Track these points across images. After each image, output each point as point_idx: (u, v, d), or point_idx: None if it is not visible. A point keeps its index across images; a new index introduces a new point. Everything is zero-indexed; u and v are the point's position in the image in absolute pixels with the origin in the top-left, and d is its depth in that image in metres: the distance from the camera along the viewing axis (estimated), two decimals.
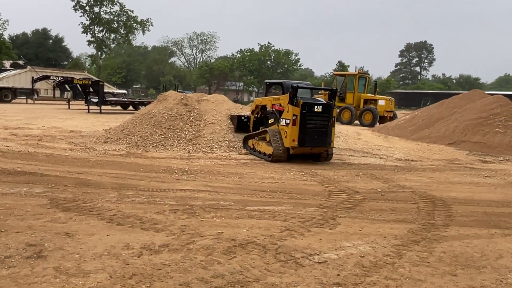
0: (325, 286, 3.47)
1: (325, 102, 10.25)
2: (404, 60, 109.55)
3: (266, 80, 13.77)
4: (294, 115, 9.72)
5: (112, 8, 60.17)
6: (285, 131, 9.91)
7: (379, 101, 25.67)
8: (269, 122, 11.13)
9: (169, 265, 3.73)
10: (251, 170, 8.94)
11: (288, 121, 9.86)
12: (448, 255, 4.34)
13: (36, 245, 4.05)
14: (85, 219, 4.97)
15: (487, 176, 9.68)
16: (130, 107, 29.80)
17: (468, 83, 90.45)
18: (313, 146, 10.04)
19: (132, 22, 62.53)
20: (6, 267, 3.54)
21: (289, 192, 6.98)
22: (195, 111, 12.54)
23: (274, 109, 10.86)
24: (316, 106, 9.84)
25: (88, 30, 61.04)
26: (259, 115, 11.95)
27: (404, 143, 15.03)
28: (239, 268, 3.75)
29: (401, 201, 6.72)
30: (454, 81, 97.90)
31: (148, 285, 3.33)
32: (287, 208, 5.95)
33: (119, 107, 30.22)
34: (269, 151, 10.18)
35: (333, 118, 10.10)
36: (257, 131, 11.25)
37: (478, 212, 6.28)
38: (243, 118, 12.26)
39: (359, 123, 25.04)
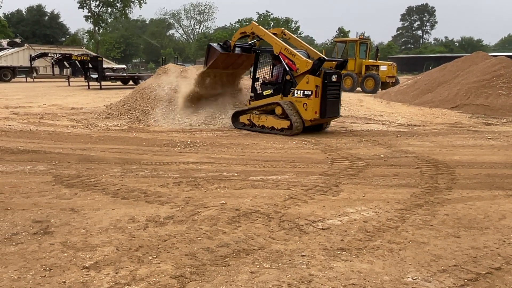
0: (329, 252, 3.50)
1: (337, 71, 10.04)
2: (405, 24, 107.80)
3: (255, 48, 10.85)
4: (316, 85, 9.34)
5: None
6: (305, 103, 9.44)
7: (381, 66, 25.44)
8: (264, 94, 10.15)
9: (175, 236, 3.77)
10: (253, 140, 8.93)
11: (309, 93, 9.38)
12: (451, 218, 4.36)
13: (43, 222, 4.09)
14: (90, 194, 5.01)
15: (490, 138, 9.65)
16: (130, 82, 29.63)
17: (471, 45, 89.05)
18: (330, 117, 10.02)
19: None
20: (13, 243, 3.59)
21: (292, 161, 6.99)
22: None
23: (285, 62, 9.72)
24: (333, 76, 9.66)
25: (84, 4, 60.33)
26: (249, 38, 10.74)
27: (406, 108, 14.94)
28: (243, 237, 3.79)
29: (404, 166, 6.72)
30: (457, 44, 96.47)
31: (155, 256, 3.37)
32: (290, 176, 5.97)
33: (119, 82, 30.07)
34: (281, 125, 9.64)
35: (341, 87, 10.19)
36: (252, 107, 10.24)
37: (481, 174, 6.28)
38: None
39: (361, 90, 24.85)
